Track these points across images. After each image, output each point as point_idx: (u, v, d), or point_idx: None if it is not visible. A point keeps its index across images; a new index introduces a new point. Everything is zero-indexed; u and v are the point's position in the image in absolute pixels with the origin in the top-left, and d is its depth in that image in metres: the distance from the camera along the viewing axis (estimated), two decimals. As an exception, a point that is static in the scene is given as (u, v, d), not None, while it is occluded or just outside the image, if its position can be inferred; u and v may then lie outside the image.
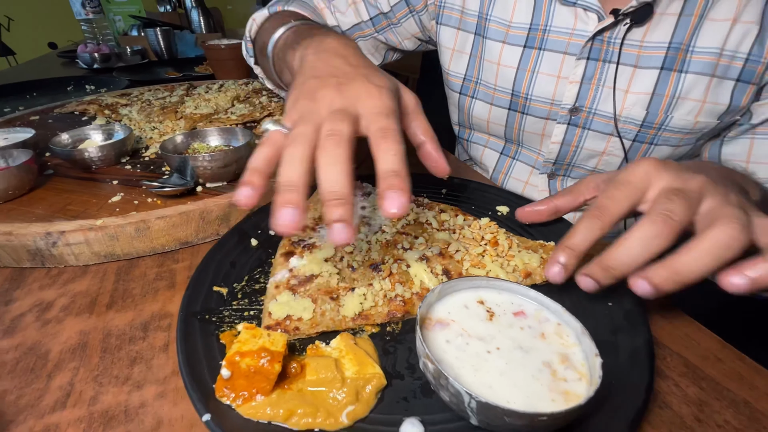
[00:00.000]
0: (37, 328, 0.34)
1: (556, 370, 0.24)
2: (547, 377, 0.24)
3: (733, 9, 0.46)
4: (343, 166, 0.25)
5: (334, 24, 0.66)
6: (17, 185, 0.47)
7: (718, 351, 0.31)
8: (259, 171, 0.27)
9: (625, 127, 0.54)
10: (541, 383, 0.24)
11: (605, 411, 0.24)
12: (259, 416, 0.24)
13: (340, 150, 0.25)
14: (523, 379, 0.24)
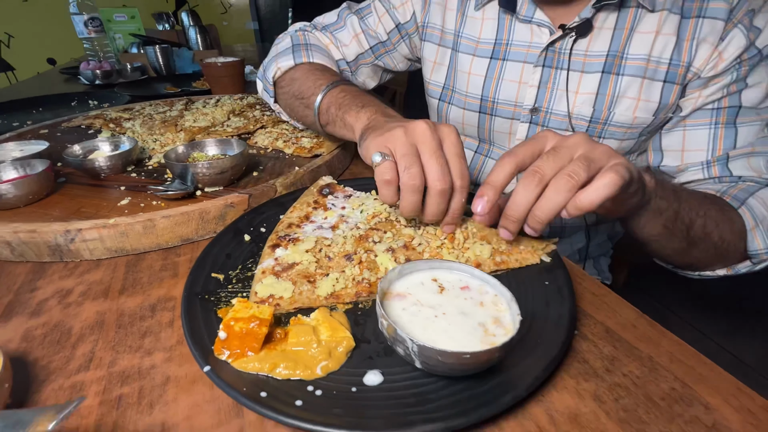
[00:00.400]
0: (59, 310, 0.39)
1: (488, 329, 0.31)
2: (480, 333, 0.30)
3: (655, 24, 0.54)
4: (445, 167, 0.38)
5: (340, 57, 0.74)
6: (36, 191, 0.52)
7: (635, 320, 0.38)
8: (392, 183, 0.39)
9: (577, 123, 0.61)
10: (475, 337, 0.30)
11: (528, 360, 0.30)
12: (248, 369, 0.30)
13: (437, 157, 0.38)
14: (461, 334, 0.30)
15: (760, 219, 0.50)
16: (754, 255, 0.51)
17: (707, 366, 0.33)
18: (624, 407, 0.30)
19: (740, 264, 0.53)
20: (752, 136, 0.54)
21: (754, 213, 0.50)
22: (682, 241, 0.48)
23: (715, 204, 0.50)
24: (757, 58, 0.52)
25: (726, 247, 0.50)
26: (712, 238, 0.49)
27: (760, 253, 0.50)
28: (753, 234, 0.50)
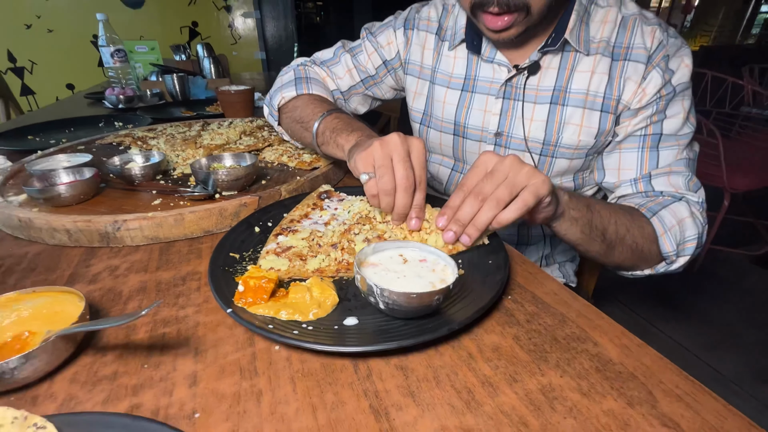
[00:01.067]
0: (110, 279, 0.51)
1: (435, 285, 0.42)
2: (429, 287, 0.41)
3: (591, 65, 0.67)
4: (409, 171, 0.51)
5: (334, 88, 0.87)
6: (86, 192, 0.65)
7: (557, 289, 0.49)
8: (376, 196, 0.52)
9: (533, 145, 0.73)
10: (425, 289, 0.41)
11: (464, 308, 0.41)
12: (259, 312, 0.41)
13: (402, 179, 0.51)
14: (416, 288, 0.41)
15: (668, 227, 0.61)
16: (666, 256, 0.62)
17: (604, 319, 0.44)
18: (534, 343, 0.40)
19: (658, 264, 0.64)
20: (672, 158, 0.66)
21: (664, 222, 0.61)
22: (601, 244, 0.58)
23: (628, 213, 0.60)
24: (672, 93, 0.64)
25: (641, 249, 0.60)
26: (626, 242, 0.59)
27: (671, 255, 0.61)
28: (663, 239, 0.61)
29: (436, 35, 0.80)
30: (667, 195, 0.65)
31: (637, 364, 0.38)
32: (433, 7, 0.82)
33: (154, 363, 0.38)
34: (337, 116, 0.69)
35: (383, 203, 0.52)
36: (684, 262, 0.63)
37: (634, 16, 0.66)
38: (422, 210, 0.53)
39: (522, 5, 0.58)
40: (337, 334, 0.39)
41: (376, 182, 0.51)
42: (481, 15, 0.62)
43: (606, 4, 0.68)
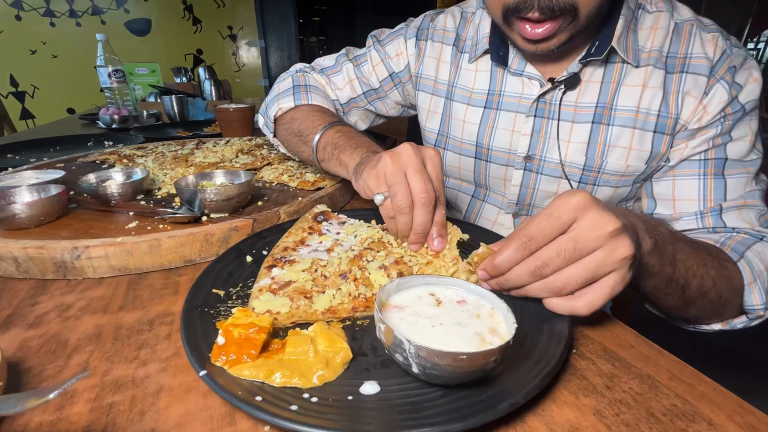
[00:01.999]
0: (58, 322, 0.40)
1: (485, 338, 0.31)
2: (477, 341, 0.30)
3: (641, 78, 0.58)
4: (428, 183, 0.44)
5: (334, 98, 0.79)
6: (49, 212, 0.54)
7: (632, 340, 0.38)
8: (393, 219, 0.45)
9: (570, 171, 0.64)
10: (471, 345, 0.30)
11: (525, 372, 0.30)
12: (244, 375, 0.30)
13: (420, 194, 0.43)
14: (458, 342, 0.30)
15: (757, 274, 0.49)
16: (751, 310, 0.50)
17: (708, 384, 0.33)
18: (625, 422, 0.29)
19: (736, 319, 0.52)
20: (741, 189, 0.56)
21: (752, 267, 0.50)
22: (678, 300, 0.47)
23: (715, 260, 0.49)
24: (740, 112, 0.55)
25: (723, 304, 0.49)
26: (708, 296, 0.48)
27: (757, 309, 0.49)
28: (751, 288, 0.49)
29: (454, 46, 0.72)
30: (742, 232, 0.54)
31: (783, 458, 0.26)
32: (450, 15, 0.74)
33: (90, 453, 0.26)
34: (339, 130, 0.61)
35: (401, 224, 0.44)
36: (765, 318, 0.51)
37: (690, 22, 0.58)
38: (444, 227, 0.45)
39: (568, 8, 0.49)
40: (351, 410, 0.28)
41: (391, 201, 0.43)
42: (516, 23, 0.53)
43: (656, 9, 0.59)
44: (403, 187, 0.43)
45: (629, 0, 0.58)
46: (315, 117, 0.66)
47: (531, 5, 0.50)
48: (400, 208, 0.43)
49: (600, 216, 0.33)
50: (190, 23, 3.45)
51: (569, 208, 0.34)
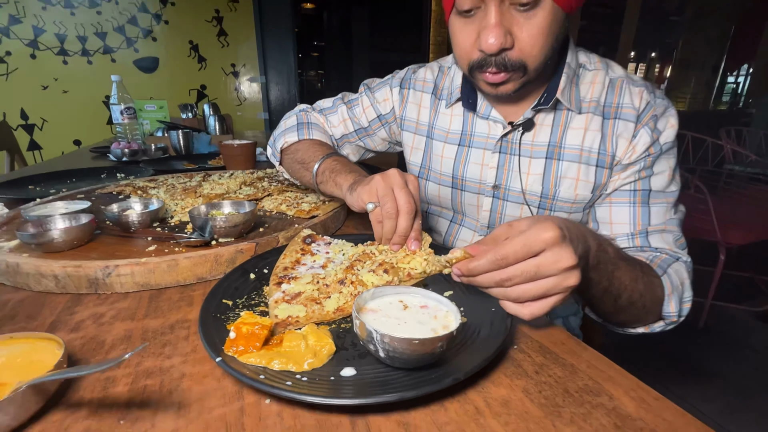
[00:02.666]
0: (94, 327, 0.48)
1: (438, 332, 0.39)
2: (431, 334, 0.39)
3: (583, 122, 0.69)
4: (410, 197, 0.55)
5: (331, 134, 0.92)
6: (80, 237, 0.63)
7: (564, 339, 0.46)
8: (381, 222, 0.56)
9: (530, 198, 0.74)
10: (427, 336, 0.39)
11: (469, 358, 0.39)
12: (250, 362, 0.38)
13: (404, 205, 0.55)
14: (417, 335, 0.39)
15: (675, 287, 0.60)
16: (667, 316, 0.60)
17: (616, 370, 0.41)
18: (545, 396, 0.37)
19: (655, 324, 0.62)
20: (663, 216, 0.66)
21: (672, 281, 0.60)
22: (611, 307, 0.56)
23: (645, 276, 0.57)
24: (659, 151, 0.66)
25: (647, 312, 0.59)
26: (636, 305, 0.57)
27: (672, 315, 0.60)
28: (669, 299, 0.59)
29: (432, 94, 0.84)
30: (663, 252, 0.65)
31: (658, 420, 0.35)
32: (429, 69, 0.87)
33: (132, 418, 0.34)
34: (336, 159, 0.73)
35: (387, 227, 0.55)
36: (677, 324, 0.62)
37: (621, 78, 0.70)
38: (420, 233, 0.56)
39: (518, 65, 0.61)
40: (333, 385, 0.36)
41: (381, 209, 0.55)
42: (479, 74, 0.65)
43: (594, 68, 0.72)
44: (391, 198, 0.55)
45: (571, 60, 0.70)
46: (316, 148, 0.79)
47: (489, 63, 0.61)
48: (389, 214, 0.54)
49: (561, 252, 0.40)
50: (196, 61, 3.65)
51: (542, 240, 0.40)
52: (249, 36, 3.79)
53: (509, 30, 0.59)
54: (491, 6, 0.57)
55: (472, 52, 0.63)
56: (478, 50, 0.61)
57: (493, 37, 0.58)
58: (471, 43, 0.62)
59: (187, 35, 3.56)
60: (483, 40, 0.59)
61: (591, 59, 0.73)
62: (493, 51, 0.59)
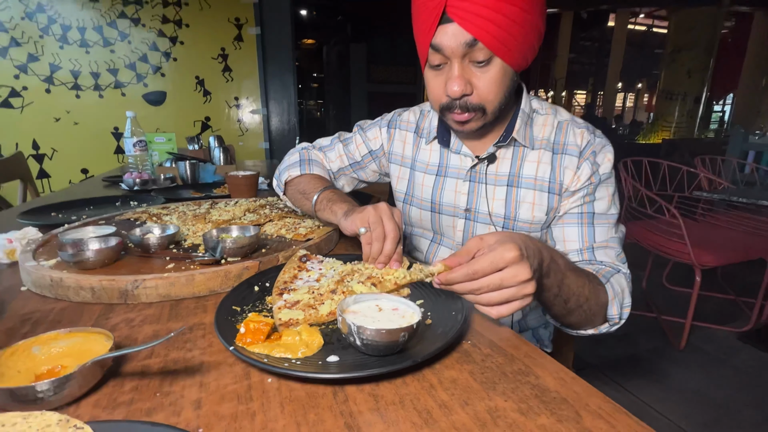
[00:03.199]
0: (127, 329, 0.58)
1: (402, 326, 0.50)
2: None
3: (537, 156, 0.83)
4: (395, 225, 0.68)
5: (329, 168, 1.06)
6: (110, 257, 0.75)
7: (511, 337, 0.57)
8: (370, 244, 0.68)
9: (496, 220, 0.87)
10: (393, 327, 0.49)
11: (427, 348, 0.50)
12: (256, 350, 0.49)
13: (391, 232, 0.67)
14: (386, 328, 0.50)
15: (616, 293, 0.71)
16: (611, 319, 0.71)
17: (546, 358, 0.52)
18: (486, 377, 0.48)
19: (602, 326, 0.72)
20: (605, 235, 0.79)
21: (614, 288, 0.71)
22: (561, 310, 0.67)
23: (590, 283, 0.68)
24: (598, 181, 0.80)
25: (594, 314, 0.69)
26: (583, 308, 0.67)
27: (614, 318, 0.71)
28: (612, 303, 0.70)
29: (414, 133, 0.99)
30: (607, 266, 0.76)
31: (569, 392, 0.46)
32: (412, 112, 1.02)
33: (165, 392, 0.45)
34: (333, 191, 0.87)
35: (375, 248, 0.67)
36: (620, 325, 0.73)
37: (567, 121, 0.85)
38: (401, 256, 0.69)
39: (478, 108, 0.75)
40: (320, 367, 0.47)
41: (371, 233, 0.67)
42: (448, 114, 0.79)
43: (544, 113, 0.87)
44: (380, 225, 0.67)
45: (525, 106, 0.84)
46: (315, 181, 0.93)
47: (455, 105, 0.76)
48: (378, 237, 0.67)
49: (519, 268, 0.51)
50: (201, 95, 3.86)
51: (505, 259, 0.50)
52: (252, 71, 4.02)
53: (469, 81, 0.74)
54: (455, 62, 0.72)
55: (441, 96, 0.77)
56: (446, 95, 0.76)
57: (456, 86, 0.72)
58: (441, 90, 0.77)
59: (193, 71, 3.79)
60: (449, 88, 0.74)
61: (543, 105, 0.87)
62: (456, 96, 0.73)
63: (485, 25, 0.67)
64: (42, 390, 0.39)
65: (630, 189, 2.50)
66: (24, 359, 0.46)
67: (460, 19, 0.68)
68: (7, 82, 3.25)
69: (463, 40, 0.69)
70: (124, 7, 3.43)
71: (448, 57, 0.73)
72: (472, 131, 0.80)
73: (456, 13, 0.68)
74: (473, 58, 0.72)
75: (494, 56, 0.71)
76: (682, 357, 2.16)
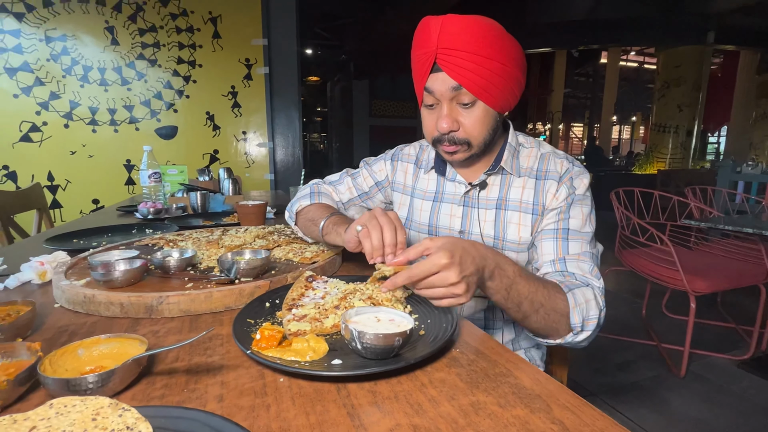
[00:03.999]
0: (154, 339, 0.66)
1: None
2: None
3: (522, 183, 0.93)
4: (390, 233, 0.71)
5: (338, 200, 1.16)
6: (136, 277, 0.83)
7: (495, 346, 0.64)
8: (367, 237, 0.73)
9: (486, 240, 0.95)
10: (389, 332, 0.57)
11: (420, 353, 0.57)
12: (270, 354, 0.56)
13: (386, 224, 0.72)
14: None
15: (578, 303, 0.75)
16: (573, 327, 0.76)
17: (526, 364, 0.59)
18: (471, 378, 0.55)
19: (567, 335, 0.77)
20: (578, 249, 0.86)
21: (576, 298, 0.76)
22: (518, 314, 0.73)
23: (546, 290, 0.74)
24: (572, 200, 0.89)
25: (553, 322, 0.74)
26: (539, 313, 0.73)
27: (577, 326, 0.75)
28: (573, 312, 0.75)
29: (414, 164, 1.10)
30: (578, 278, 0.83)
31: (542, 389, 0.52)
32: (413, 147, 1.14)
33: (191, 388, 0.52)
34: (338, 217, 0.96)
35: (374, 239, 0.71)
36: (586, 336, 0.76)
37: (549, 153, 0.96)
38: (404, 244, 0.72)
39: (463, 141, 0.87)
40: (325, 368, 0.54)
41: (367, 226, 0.73)
42: (439, 146, 0.91)
43: (529, 146, 0.98)
44: (374, 218, 0.73)
45: (512, 140, 0.95)
46: (323, 209, 1.02)
47: (444, 139, 0.87)
48: (374, 228, 0.71)
49: (449, 273, 0.61)
50: (211, 129, 4.05)
51: (437, 265, 0.60)
52: (260, 107, 4.23)
53: (456, 119, 0.86)
54: (444, 104, 0.85)
55: (433, 131, 0.90)
56: (437, 131, 0.87)
57: (444, 123, 0.84)
58: (433, 126, 0.89)
59: (204, 107, 4.00)
60: (439, 125, 0.86)
61: (528, 140, 0.99)
62: (445, 132, 0.85)
63: (468, 75, 0.79)
64: (92, 381, 0.46)
65: (623, 218, 2.59)
66: (71, 360, 0.53)
67: (447, 69, 0.80)
68: (29, 117, 3.44)
69: (450, 85, 0.82)
70: (143, 50, 3.67)
71: (438, 99, 0.85)
72: (460, 161, 0.92)
73: (444, 65, 0.81)
74: (459, 101, 0.84)
75: (478, 100, 0.82)
76: (682, 385, 2.16)
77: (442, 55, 0.80)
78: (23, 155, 3.48)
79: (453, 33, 0.79)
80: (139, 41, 3.68)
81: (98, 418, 0.39)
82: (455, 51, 0.79)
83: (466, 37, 0.79)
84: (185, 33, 3.81)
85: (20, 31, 3.34)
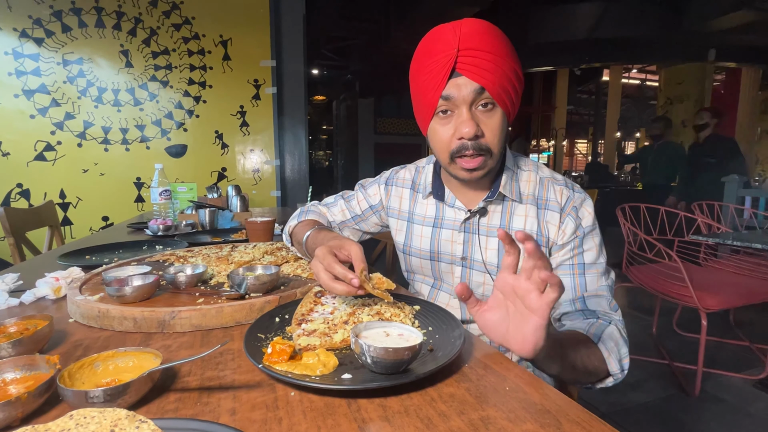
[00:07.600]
0: (167, 353, 0.67)
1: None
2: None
3: (524, 210, 0.93)
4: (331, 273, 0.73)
5: (332, 220, 1.18)
6: (149, 292, 0.84)
7: (502, 360, 0.64)
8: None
9: (490, 268, 0.95)
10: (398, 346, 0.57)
11: (428, 367, 0.57)
12: (281, 368, 0.57)
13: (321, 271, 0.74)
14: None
15: (611, 350, 0.76)
16: (613, 374, 0.76)
17: (535, 379, 0.59)
18: (480, 392, 0.55)
19: (607, 379, 0.77)
20: (595, 283, 0.86)
21: (607, 346, 0.76)
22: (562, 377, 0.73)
23: (584, 348, 0.73)
24: (582, 234, 0.89)
25: (592, 372, 0.74)
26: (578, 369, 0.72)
27: (617, 373, 0.76)
28: (609, 361, 0.75)
29: (411, 189, 1.10)
30: (600, 316, 0.82)
31: (552, 404, 0.52)
32: (408, 170, 1.14)
33: (204, 402, 0.53)
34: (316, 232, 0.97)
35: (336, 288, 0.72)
36: (625, 374, 0.77)
37: (547, 178, 0.95)
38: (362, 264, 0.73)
39: (487, 149, 0.84)
40: (336, 382, 0.54)
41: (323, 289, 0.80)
42: (458, 161, 0.86)
43: (527, 169, 0.97)
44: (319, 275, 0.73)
45: (509, 163, 0.95)
46: (305, 227, 1.04)
47: (467, 147, 0.83)
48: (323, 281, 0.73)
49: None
50: (219, 147, 4.13)
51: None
52: (267, 126, 4.32)
53: (477, 124, 0.83)
54: (463, 108, 0.82)
55: (451, 142, 0.85)
56: (457, 139, 0.84)
57: (467, 128, 0.81)
58: (450, 136, 0.85)
59: (213, 126, 4.08)
60: (460, 130, 0.82)
61: (525, 162, 0.99)
62: (470, 136, 0.82)
63: (489, 77, 0.79)
64: (110, 393, 0.48)
65: (629, 233, 2.58)
66: (88, 373, 0.54)
67: (469, 72, 0.80)
68: (44, 137, 3.54)
69: (472, 88, 0.80)
70: (156, 72, 3.79)
71: (457, 105, 0.82)
72: (478, 179, 0.88)
73: (465, 68, 0.80)
74: (480, 103, 0.82)
75: (496, 105, 0.83)
76: (696, 405, 2.11)
77: (464, 56, 0.79)
78: (37, 174, 3.56)
79: (474, 34, 0.79)
80: (152, 63, 3.80)
81: (116, 429, 0.40)
82: (477, 51, 0.78)
83: (486, 37, 0.79)
84: (197, 55, 3.94)
85: (39, 55, 3.46)
